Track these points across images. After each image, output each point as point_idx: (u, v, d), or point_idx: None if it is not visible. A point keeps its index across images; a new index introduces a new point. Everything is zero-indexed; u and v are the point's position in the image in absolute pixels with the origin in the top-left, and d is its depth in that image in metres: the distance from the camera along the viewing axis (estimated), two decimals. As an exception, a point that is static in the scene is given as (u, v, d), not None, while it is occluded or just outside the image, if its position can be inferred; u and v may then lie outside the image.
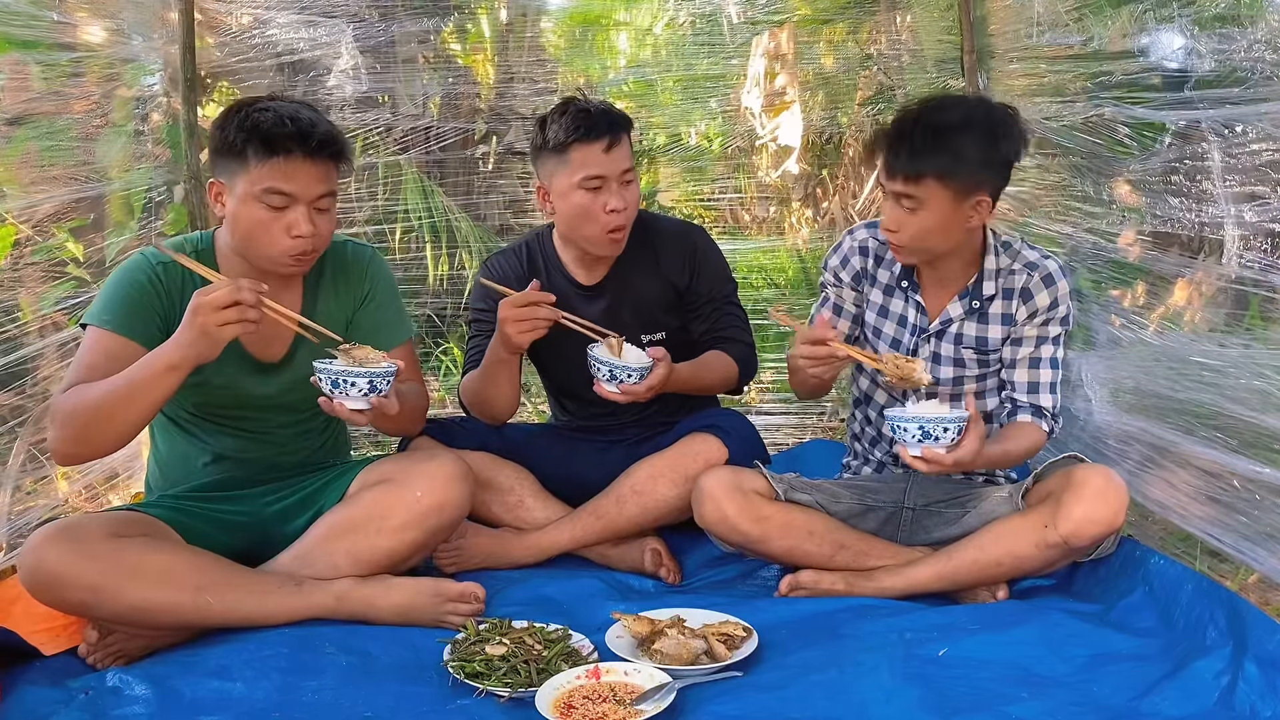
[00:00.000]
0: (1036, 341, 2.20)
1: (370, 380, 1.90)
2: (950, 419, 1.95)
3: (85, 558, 1.84)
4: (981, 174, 2.06)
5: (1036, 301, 2.18)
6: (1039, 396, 2.20)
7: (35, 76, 2.76)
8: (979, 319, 2.22)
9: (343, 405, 1.92)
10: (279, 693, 1.74)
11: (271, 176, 1.96)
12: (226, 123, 1.99)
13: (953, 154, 2.03)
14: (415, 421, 2.32)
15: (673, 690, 1.68)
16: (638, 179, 2.44)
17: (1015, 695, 1.68)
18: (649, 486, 2.35)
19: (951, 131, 2.04)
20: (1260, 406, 2.11)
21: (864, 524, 2.28)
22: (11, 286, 2.67)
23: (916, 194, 2.05)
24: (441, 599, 2.03)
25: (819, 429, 3.61)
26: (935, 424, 1.94)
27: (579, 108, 2.34)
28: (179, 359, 1.84)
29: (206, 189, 2.07)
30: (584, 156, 2.31)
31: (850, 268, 2.33)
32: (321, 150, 1.99)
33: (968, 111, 2.09)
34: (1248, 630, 1.72)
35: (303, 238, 1.99)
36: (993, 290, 2.21)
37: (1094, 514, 2.02)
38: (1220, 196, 2.30)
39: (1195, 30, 2.37)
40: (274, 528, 2.15)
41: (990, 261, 2.21)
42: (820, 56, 3.77)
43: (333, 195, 2.05)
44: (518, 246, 2.60)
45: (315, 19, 3.37)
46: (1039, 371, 2.20)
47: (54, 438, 1.93)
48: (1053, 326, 2.19)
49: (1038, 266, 2.19)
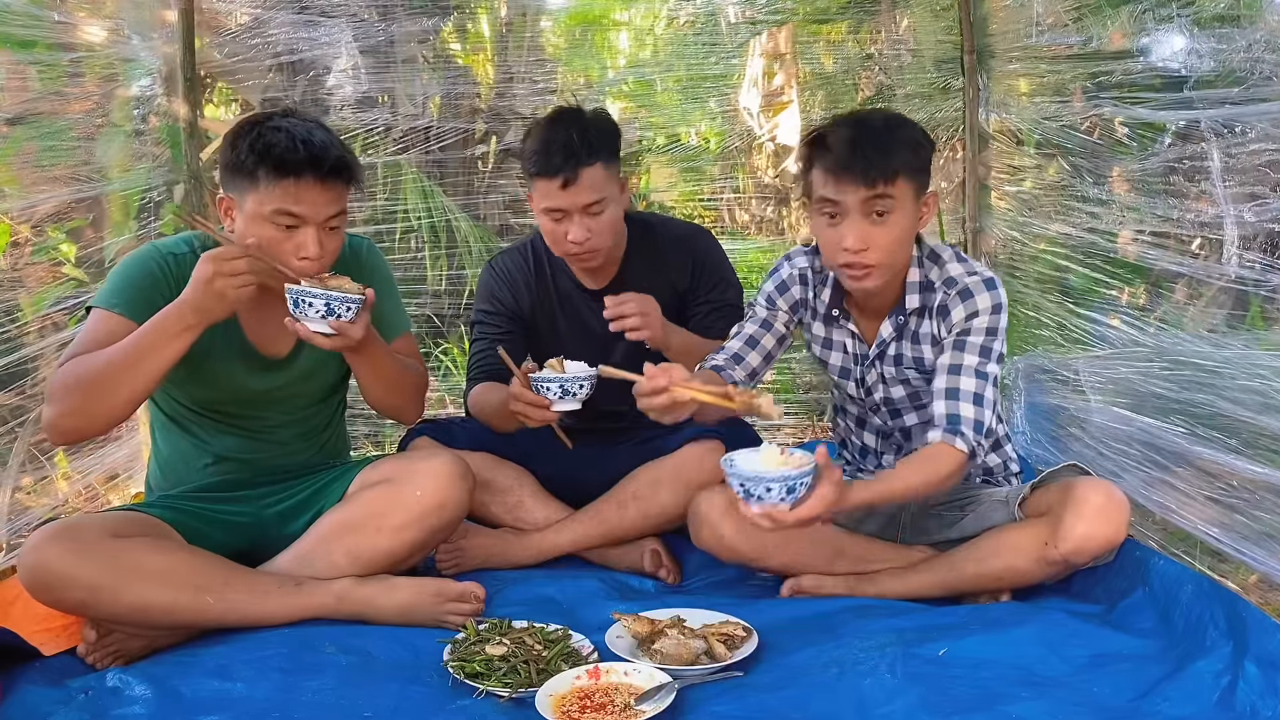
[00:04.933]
0: (954, 346, 2.06)
1: (328, 302, 1.88)
2: (772, 478, 1.72)
3: (85, 557, 1.84)
4: (928, 168, 2.05)
5: (953, 317, 2.08)
6: (957, 405, 2.00)
7: (35, 76, 2.76)
8: (911, 340, 2.15)
9: (304, 326, 1.91)
10: (279, 693, 1.74)
11: (282, 199, 1.94)
12: (239, 140, 1.97)
13: (912, 146, 2.00)
14: (408, 393, 2.23)
15: (673, 690, 1.67)
16: (617, 200, 2.36)
17: (1015, 695, 1.68)
18: (650, 493, 2.35)
19: (898, 127, 2.02)
20: (1260, 407, 2.11)
21: (864, 527, 2.28)
22: (11, 286, 2.67)
23: (893, 195, 1.97)
24: (442, 599, 2.03)
25: (819, 429, 3.62)
26: (755, 483, 1.73)
27: (544, 138, 2.29)
28: (194, 319, 1.85)
29: (216, 204, 2.06)
30: (544, 188, 2.30)
31: (789, 296, 2.25)
32: (334, 175, 1.98)
33: (890, 115, 2.09)
34: (1248, 630, 1.72)
35: (310, 260, 1.97)
36: (916, 304, 2.12)
37: (1095, 532, 1.99)
38: (1220, 196, 2.30)
39: (1195, 30, 2.37)
40: (274, 528, 2.15)
41: (914, 274, 2.12)
42: (820, 56, 3.77)
43: (343, 214, 2.04)
44: (522, 246, 2.60)
45: (315, 19, 3.37)
46: (959, 378, 2.03)
47: (52, 412, 1.90)
48: (972, 336, 2.05)
49: (955, 283, 2.08)
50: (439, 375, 3.85)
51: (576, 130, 2.28)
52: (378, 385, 2.15)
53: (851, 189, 1.97)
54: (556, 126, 2.31)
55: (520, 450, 2.51)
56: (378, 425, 3.59)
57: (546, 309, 2.52)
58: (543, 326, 2.53)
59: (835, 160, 1.98)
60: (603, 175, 2.30)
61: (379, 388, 2.16)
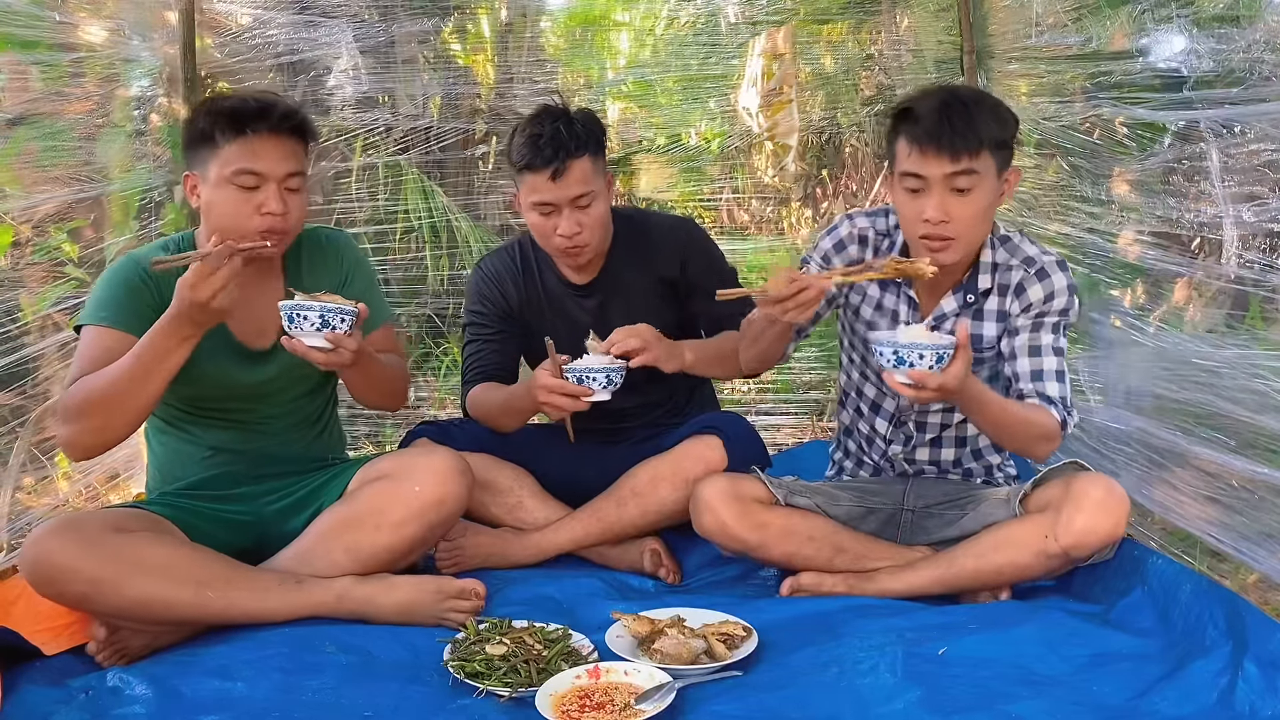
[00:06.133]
0: (1032, 328, 2.11)
1: (322, 315, 1.90)
2: (926, 345, 1.85)
3: (87, 551, 1.85)
4: (1012, 143, 2.05)
5: (1029, 296, 2.11)
6: (1044, 384, 2.06)
7: (36, 77, 2.76)
8: (974, 315, 2.16)
9: (301, 342, 1.93)
10: (279, 692, 1.74)
11: (240, 156, 2.03)
12: (196, 116, 2.11)
13: (998, 119, 2.01)
14: (393, 391, 2.28)
15: (673, 690, 1.68)
16: (604, 195, 2.38)
17: (1015, 694, 1.68)
18: (649, 489, 2.35)
19: (985, 101, 2.03)
20: (1259, 406, 2.12)
21: (864, 525, 2.28)
22: (12, 286, 2.67)
23: (977, 168, 1.97)
24: (442, 596, 2.03)
25: (819, 429, 3.62)
26: (910, 349, 1.85)
27: (532, 131, 2.31)
28: (189, 331, 1.89)
29: (183, 183, 2.13)
30: (533, 182, 2.31)
31: (845, 255, 2.23)
32: (284, 124, 2.07)
33: (976, 90, 2.11)
34: (1247, 630, 1.72)
35: (273, 214, 2.03)
36: (988, 284, 2.14)
37: (1095, 525, 1.99)
38: (1219, 196, 2.30)
39: (1194, 30, 2.37)
40: (274, 526, 2.15)
41: (987, 255, 2.14)
42: (820, 56, 3.77)
43: (302, 175, 2.11)
44: (510, 246, 2.61)
45: (315, 19, 3.37)
46: (1040, 359, 2.08)
47: (71, 432, 1.95)
48: (1049, 317, 2.11)
49: (1034, 262, 2.12)
50: (439, 375, 3.85)
51: (564, 123, 2.31)
52: (369, 391, 2.23)
53: (936, 161, 1.98)
54: (543, 121, 2.32)
55: (520, 450, 2.52)
56: (378, 425, 3.59)
57: (535, 307, 2.54)
58: (532, 324, 2.54)
59: (921, 132, 1.99)
60: (590, 168, 2.32)
61: (370, 393, 2.24)
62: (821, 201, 4.19)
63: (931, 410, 2.25)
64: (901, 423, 2.30)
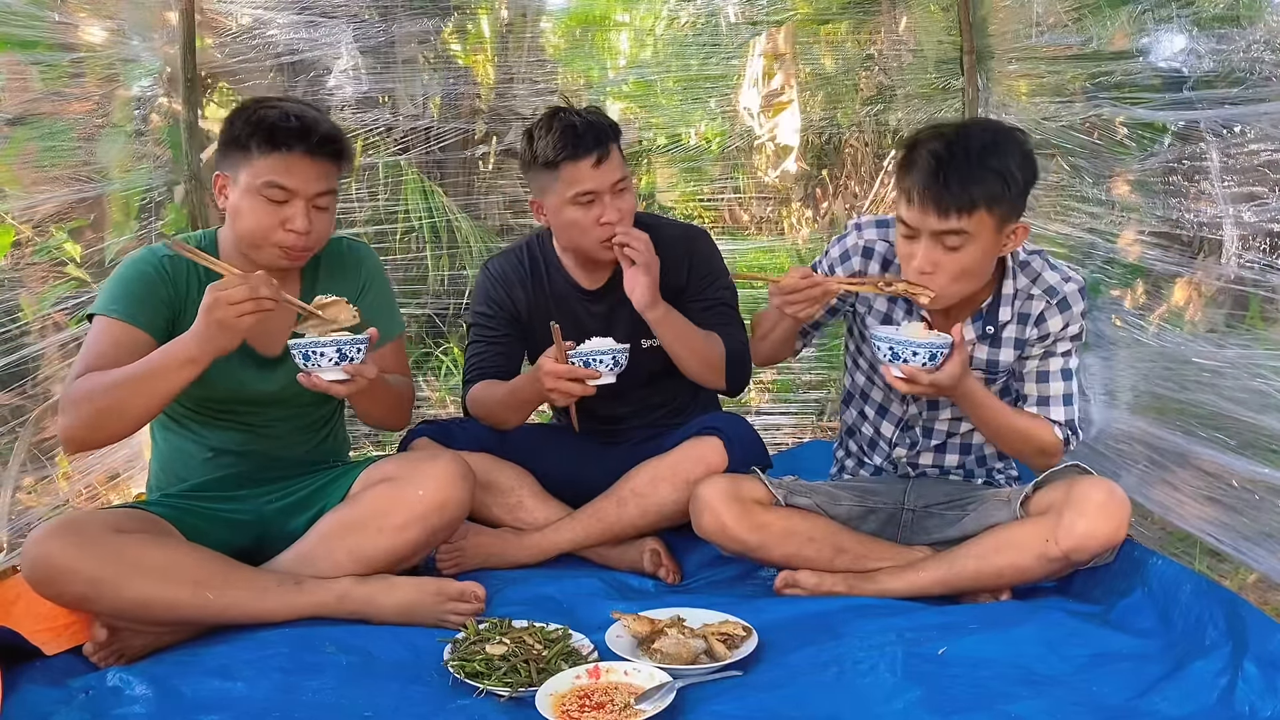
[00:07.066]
0: (1044, 355, 2.14)
1: (339, 349, 1.90)
2: (921, 344, 1.94)
3: (87, 551, 1.85)
4: (1022, 198, 1.98)
5: (1049, 326, 2.12)
6: (1049, 409, 2.14)
7: (36, 77, 2.76)
8: (991, 343, 2.16)
9: (320, 378, 1.93)
10: (279, 692, 1.74)
11: (272, 170, 2.00)
12: (235, 117, 2.06)
13: (1003, 179, 1.93)
14: (398, 411, 2.29)
15: (673, 690, 1.68)
16: (632, 184, 2.41)
17: (1015, 694, 1.68)
18: (649, 489, 2.35)
19: (995, 154, 1.93)
20: (1259, 407, 2.12)
21: (864, 525, 2.28)
22: (12, 286, 2.67)
23: (967, 228, 1.93)
24: (442, 598, 2.03)
25: (819, 429, 3.62)
26: (905, 346, 1.95)
27: (565, 122, 2.30)
28: (198, 352, 1.87)
29: (212, 182, 2.11)
30: (574, 173, 2.30)
31: (848, 267, 2.24)
32: (322, 148, 2.04)
33: (995, 134, 1.98)
34: (1247, 630, 1.72)
35: (296, 233, 2.02)
36: (1008, 315, 2.13)
37: (1096, 529, 1.99)
38: (1219, 196, 2.30)
39: (1194, 30, 2.37)
40: (275, 527, 2.15)
41: (1008, 286, 2.13)
42: (820, 56, 3.77)
43: (332, 194, 2.09)
44: (518, 247, 2.60)
45: (315, 19, 3.37)
46: (1049, 384, 2.14)
47: (65, 424, 1.94)
48: (1062, 344, 2.14)
49: (1056, 292, 2.11)
50: (439, 375, 3.85)
51: (589, 114, 2.35)
52: (374, 411, 2.23)
53: (923, 216, 1.95)
54: (569, 114, 2.33)
55: (520, 450, 2.51)
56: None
57: (543, 310, 2.53)
58: (539, 327, 2.54)
59: (913, 183, 1.95)
60: (620, 156, 2.36)
61: (375, 412, 2.24)
62: (822, 202, 4.19)
63: (939, 417, 2.26)
64: (909, 427, 2.30)
